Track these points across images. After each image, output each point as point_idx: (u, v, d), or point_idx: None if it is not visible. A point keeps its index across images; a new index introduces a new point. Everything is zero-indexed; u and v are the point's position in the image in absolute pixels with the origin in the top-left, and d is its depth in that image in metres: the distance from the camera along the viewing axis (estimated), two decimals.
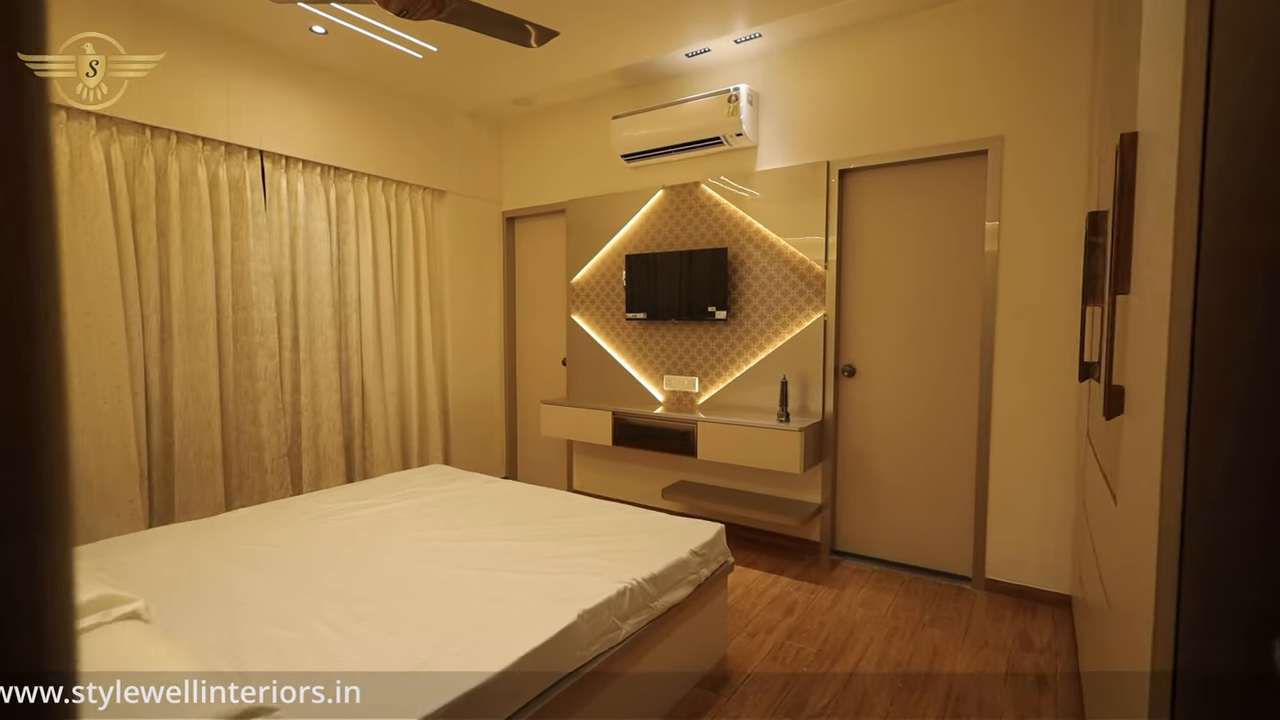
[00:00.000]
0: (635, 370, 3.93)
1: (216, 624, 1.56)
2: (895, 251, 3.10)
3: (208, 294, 2.99)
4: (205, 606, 1.66)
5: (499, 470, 4.70)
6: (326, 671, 1.31)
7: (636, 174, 3.88)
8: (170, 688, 1.05)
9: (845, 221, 3.22)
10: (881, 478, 3.18)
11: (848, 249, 3.22)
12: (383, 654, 1.41)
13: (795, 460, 3.00)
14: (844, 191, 3.21)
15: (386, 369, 3.81)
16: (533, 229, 4.56)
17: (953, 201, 2.95)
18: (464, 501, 2.61)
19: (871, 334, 3.18)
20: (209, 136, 2.97)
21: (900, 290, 3.09)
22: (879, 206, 3.14)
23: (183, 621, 1.55)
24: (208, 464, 3.03)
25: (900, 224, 3.09)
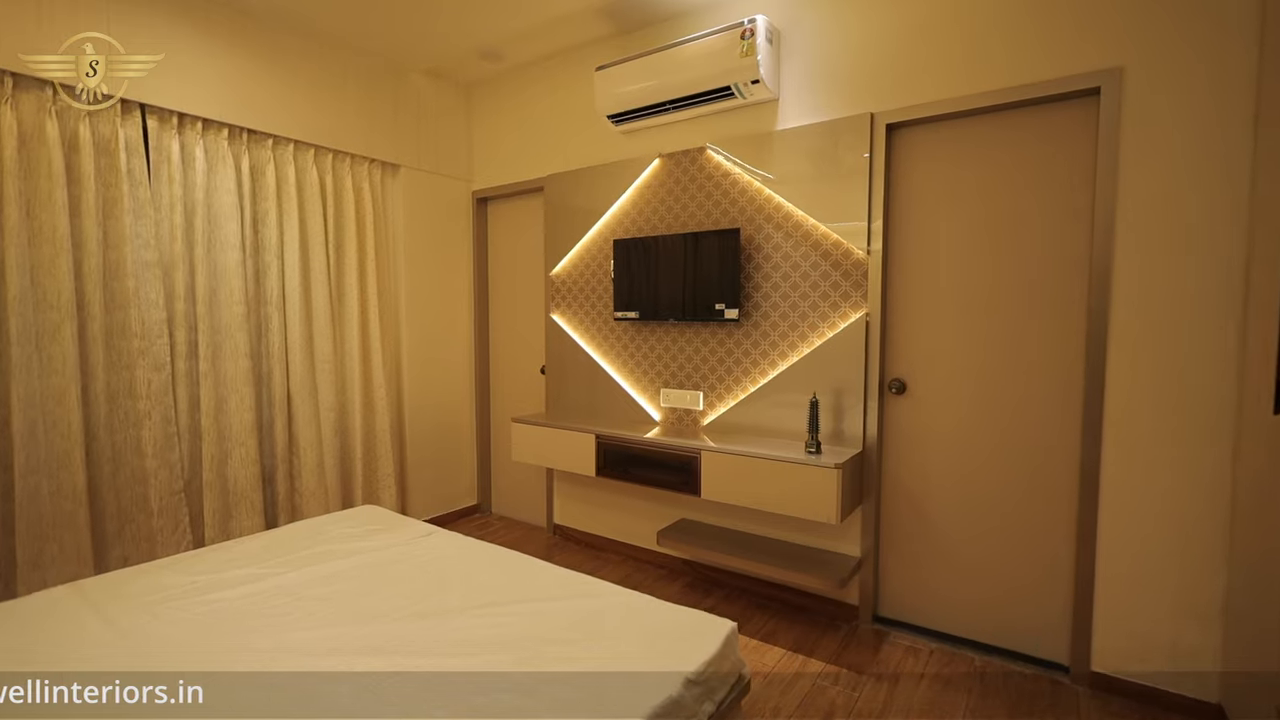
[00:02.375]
0: (626, 382, 3.20)
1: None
2: (961, 230, 2.36)
3: (63, 288, 2.29)
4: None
5: (469, 498, 3.99)
6: None
7: (627, 141, 3.15)
8: None
9: (894, 192, 2.47)
10: (941, 527, 2.44)
11: (897, 228, 2.48)
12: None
13: (829, 505, 2.27)
14: (892, 153, 2.47)
15: (321, 380, 3.11)
16: (509, 211, 3.84)
17: (1044, 163, 2.20)
18: (384, 570, 1.90)
19: (929, 338, 2.44)
20: (64, 82, 2.28)
21: (968, 282, 2.35)
22: (940, 172, 2.39)
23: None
24: (67, 505, 2.34)
25: (968, 194, 2.34)
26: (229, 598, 1.71)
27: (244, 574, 1.85)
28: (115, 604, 1.66)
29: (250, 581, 1.81)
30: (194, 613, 1.63)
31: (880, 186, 2.43)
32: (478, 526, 3.81)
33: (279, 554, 2.01)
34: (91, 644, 1.47)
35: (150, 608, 1.64)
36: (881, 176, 2.43)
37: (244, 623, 1.58)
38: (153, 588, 1.75)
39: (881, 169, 2.43)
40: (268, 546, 2.08)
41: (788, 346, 2.67)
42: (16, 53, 2.17)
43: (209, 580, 1.80)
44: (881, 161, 2.43)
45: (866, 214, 2.45)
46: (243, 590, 1.75)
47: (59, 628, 1.55)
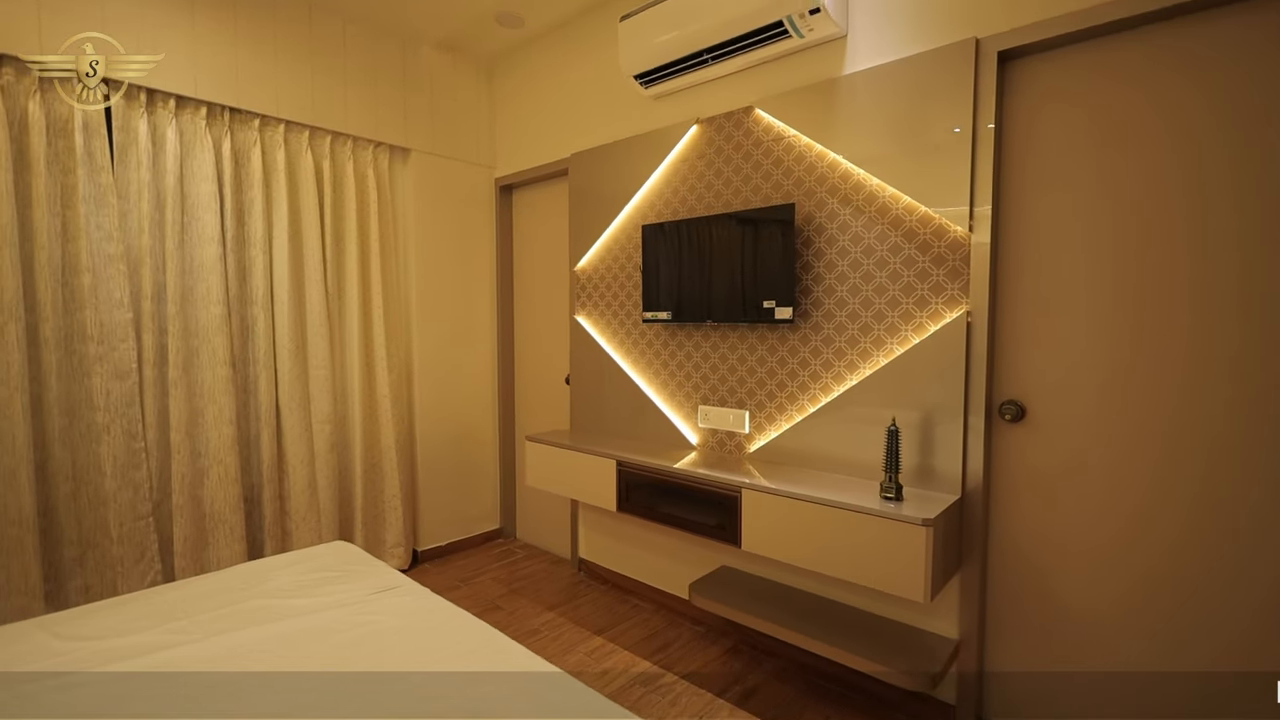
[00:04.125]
0: (658, 396, 2.67)
1: None
2: (1109, 196, 1.67)
3: (6, 285, 2.02)
4: None
5: (490, 522, 3.57)
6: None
7: (660, 107, 2.63)
8: None
9: (1008, 147, 1.82)
10: (1077, 610, 1.75)
11: (1013, 195, 1.81)
12: None
13: (914, 576, 1.64)
14: (1007, 93, 1.81)
15: (315, 389, 2.76)
16: (535, 200, 3.40)
17: (1242, 96, 1.49)
18: (310, 645, 1.46)
19: (1061, 345, 1.76)
20: (8, 52, 2.01)
21: (1122, 266, 1.66)
22: (1076, 115, 1.72)
23: None
24: (14, 531, 2.07)
25: (1122, 144, 1.65)
26: (90, 683, 1.31)
27: (131, 643, 1.45)
28: None
29: (136, 654, 1.41)
30: (32, 708, 1.24)
31: (989, 140, 1.78)
32: (499, 555, 3.38)
33: (196, 611, 1.62)
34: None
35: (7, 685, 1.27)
36: (991, 126, 1.78)
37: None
38: (16, 658, 1.38)
39: (991, 116, 1.78)
40: (188, 599, 1.69)
41: (858, 355, 2.05)
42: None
43: (79, 653, 1.41)
44: (991, 106, 1.78)
45: (969, 178, 1.81)
46: (118, 669, 1.35)
47: None
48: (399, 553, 3.07)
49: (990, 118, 1.78)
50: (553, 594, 2.91)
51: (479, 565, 3.25)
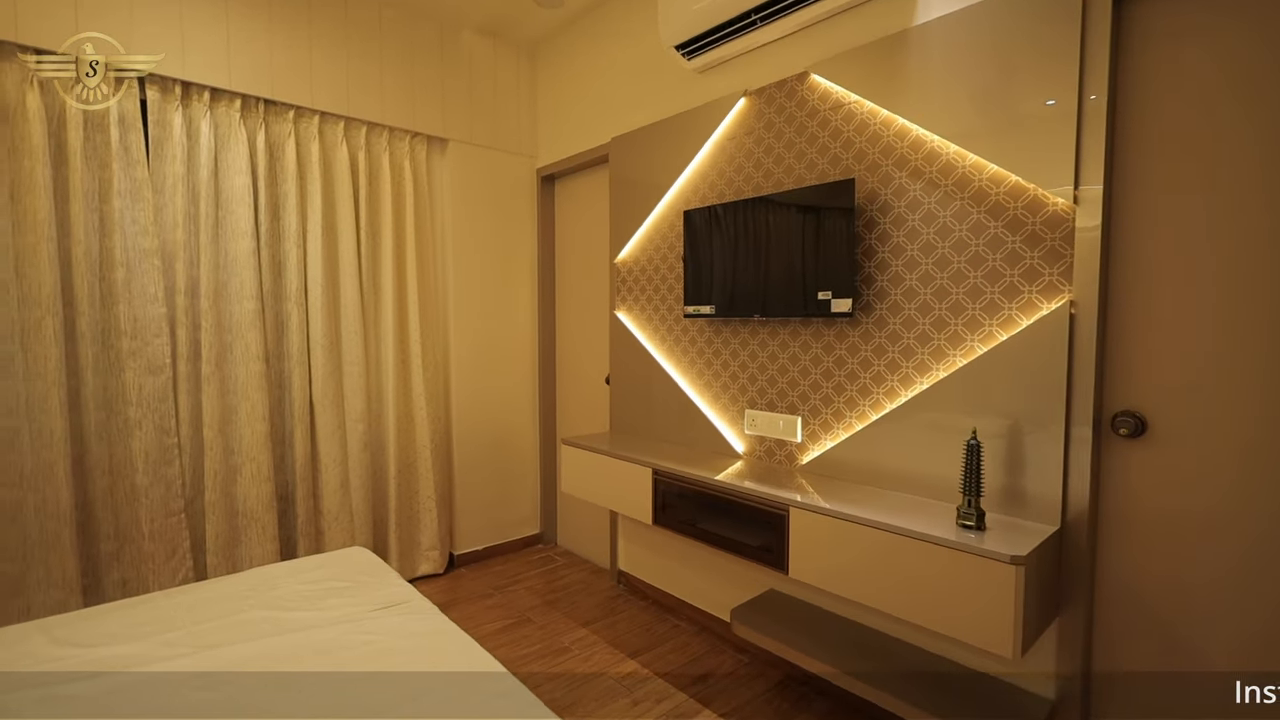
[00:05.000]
0: (702, 399, 2.43)
1: None
2: (1261, 155, 1.31)
3: (45, 280, 2.03)
4: None
5: (530, 527, 3.44)
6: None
7: (704, 81, 2.39)
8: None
9: (1125, 96, 1.47)
10: (1211, 667, 1.39)
11: (1131, 157, 1.47)
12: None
13: (1001, 624, 1.34)
14: (1123, 34, 1.47)
15: (349, 387, 2.70)
16: (576, 190, 3.24)
17: None
18: (296, 667, 1.33)
19: (1194, 344, 1.40)
20: (44, 48, 2.02)
21: (1263, 260, 1.30)
22: (1218, 49, 1.36)
23: None
24: (52, 525, 2.08)
25: (1271, 105, 1.29)
26: (76, 695, 1.22)
27: (123, 654, 1.37)
28: None
29: (124, 666, 1.32)
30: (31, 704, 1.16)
31: (1101, 89, 1.45)
32: (538, 562, 3.23)
33: (197, 619, 1.53)
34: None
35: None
36: (1104, 71, 1.45)
37: None
38: (4, 662, 1.32)
39: (1105, 59, 1.45)
40: (194, 605, 1.61)
41: (930, 355, 1.75)
42: (4, 18, 1.94)
43: (68, 662, 1.34)
44: (1103, 53, 1.45)
45: (1074, 138, 1.48)
46: (103, 684, 1.26)
47: None
48: (434, 556, 2.98)
49: (1102, 68, 1.45)
50: (589, 608, 2.73)
51: (516, 572, 3.11)
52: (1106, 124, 1.45)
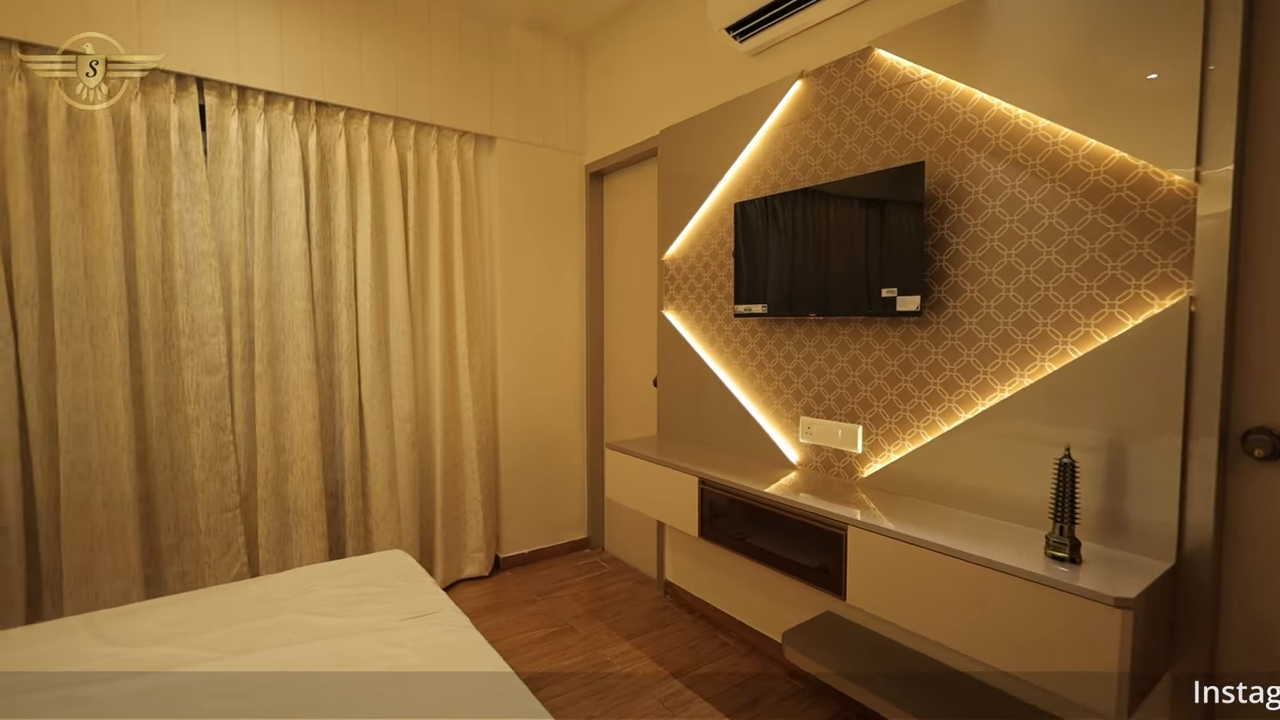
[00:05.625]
0: (753, 404, 2.28)
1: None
2: None
3: (110, 281, 2.11)
4: None
5: (577, 531, 3.37)
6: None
7: (756, 65, 2.24)
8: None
9: (1263, 64, 1.23)
10: None
11: (1274, 136, 1.23)
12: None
13: (1104, 675, 1.13)
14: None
15: (397, 386, 2.70)
16: (624, 186, 3.14)
17: None
18: (318, 679, 1.29)
19: None
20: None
21: None
22: None
23: None
24: (116, 517, 2.16)
25: None
26: (93, 697, 1.22)
27: (158, 655, 1.37)
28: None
29: (157, 667, 1.31)
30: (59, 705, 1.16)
31: (1230, 58, 1.22)
32: (584, 568, 3.16)
33: (233, 620, 1.52)
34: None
35: (15, 691, 1.21)
36: (1234, 37, 1.22)
37: None
38: (46, 658, 1.34)
39: (1236, 24, 1.21)
40: (232, 605, 1.61)
41: (1012, 359, 1.54)
42: (65, 29, 2.02)
43: (104, 660, 1.34)
44: (1237, 10, 1.21)
45: (1195, 111, 1.25)
46: (124, 686, 1.25)
47: None
48: (479, 558, 2.95)
49: (1232, 34, 1.21)
50: (633, 619, 2.62)
51: (561, 578, 3.05)
52: (1239, 96, 1.22)
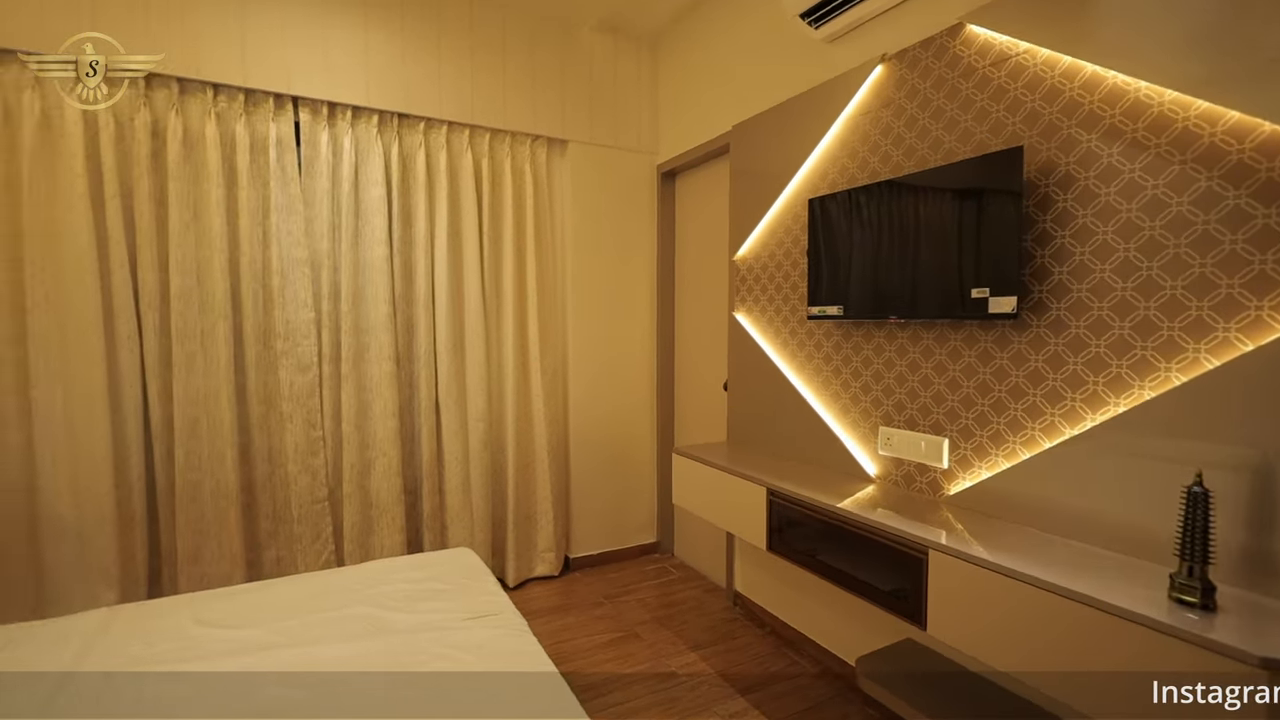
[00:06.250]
0: (828, 412, 2.16)
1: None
2: None
3: (217, 288, 2.30)
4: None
5: (647, 535, 3.34)
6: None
7: (833, 51, 2.11)
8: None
9: None
10: None
11: None
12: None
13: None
14: None
15: (471, 387, 2.78)
16: (697, 185, 3.08)
17: None
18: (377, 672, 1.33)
19: None
20: (221, 82, 2.28)
21: None
22: None
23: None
24: (221, 504, 2.35)
25: None
26: (195, 679, 1.31)
27: (242, 638, 1.46)
28: (99, 647, 1.39)
29: (238, 652, 1.40)
30: (141, 690, 1.26)
31: None
32: (653, 573, 3.12)
33: (311, 610, 1.61)
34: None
35: (124, 663, 1.33)
36: None
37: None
38: (152, 635, 1.46)
39: None
40: (313, 595, 1.70)
41: (1129, 367, 1.35)
42: (181, 58, 2.22)
43: (194, 641, 1.45)
44: None
45: None
46: (223, 664, 1.35)
47: (34, 662, 1.33)
48: (549, 558, 2.99)
49: None
50: (700, 629, 2.56)
51: (629, 581, 3.02)
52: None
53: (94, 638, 1.46)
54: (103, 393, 2.13)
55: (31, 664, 1.34)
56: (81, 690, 1.25)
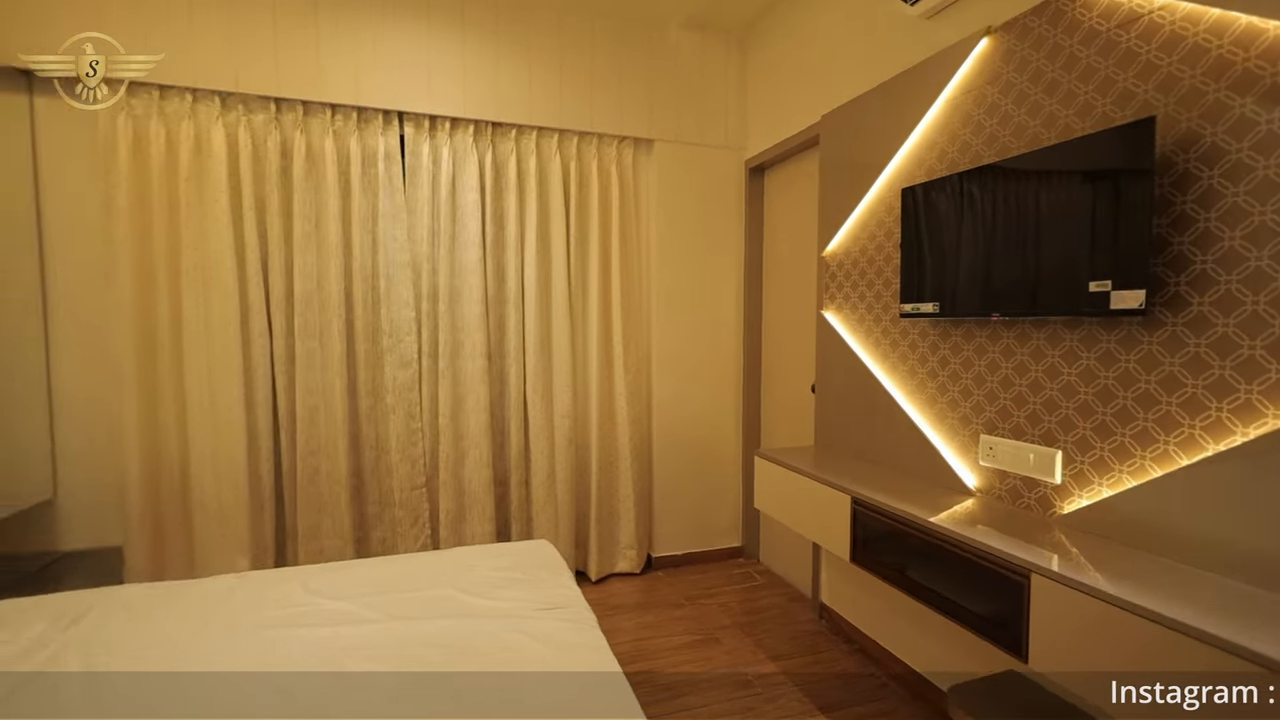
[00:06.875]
0: (923, 417, 2.00)
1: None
2: None
3: (333, 290, 2.53)
4: None
5: (731, 538, 3.27)
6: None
7: (931, 28, 1.95)
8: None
9: None
10: None
11: None
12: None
13: None
14: None
15: (557, 384, 2.86)
16: (785, 180, 2.98)
17: None
18: (448, 654, 1.40)
19: None
20: (338, 103, 2.50)
21: None
22: None
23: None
24: (334, 488, 2.58)
25: None
26: (302, 640, 1.44)
27: (336, 609, 1.60)
28: (225, 610, 1.58)
29: (332, 623, 1.53)
30: (266, 641, 1.41)
31: None
32: (737, 578, 3.06)
33: (400, 588, 1.72)
34: (159, 645, 1.38)
35: (244, 623, 1.50)
36: None
37: (264, 683, 1.27)
38: (268, 601, 1.63)
39: None
40: (405, 575, 1.81)
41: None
42: (308, 84, 2.46)
43: (309, 610, 1.60)
44: None
45: None
46: (327, 631, 1.48)
47: (174, 620, 1.53)
48: (631, 555, 3.01)
49: None
50: (782, 639, 2.47)
51: (712, 584, 2.98)
52: None
53: (224, 597, 1.66)
54: (239, 384, 2.41)
55: (179, 616, 1.55)
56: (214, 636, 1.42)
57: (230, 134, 2.39)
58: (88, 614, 1.56)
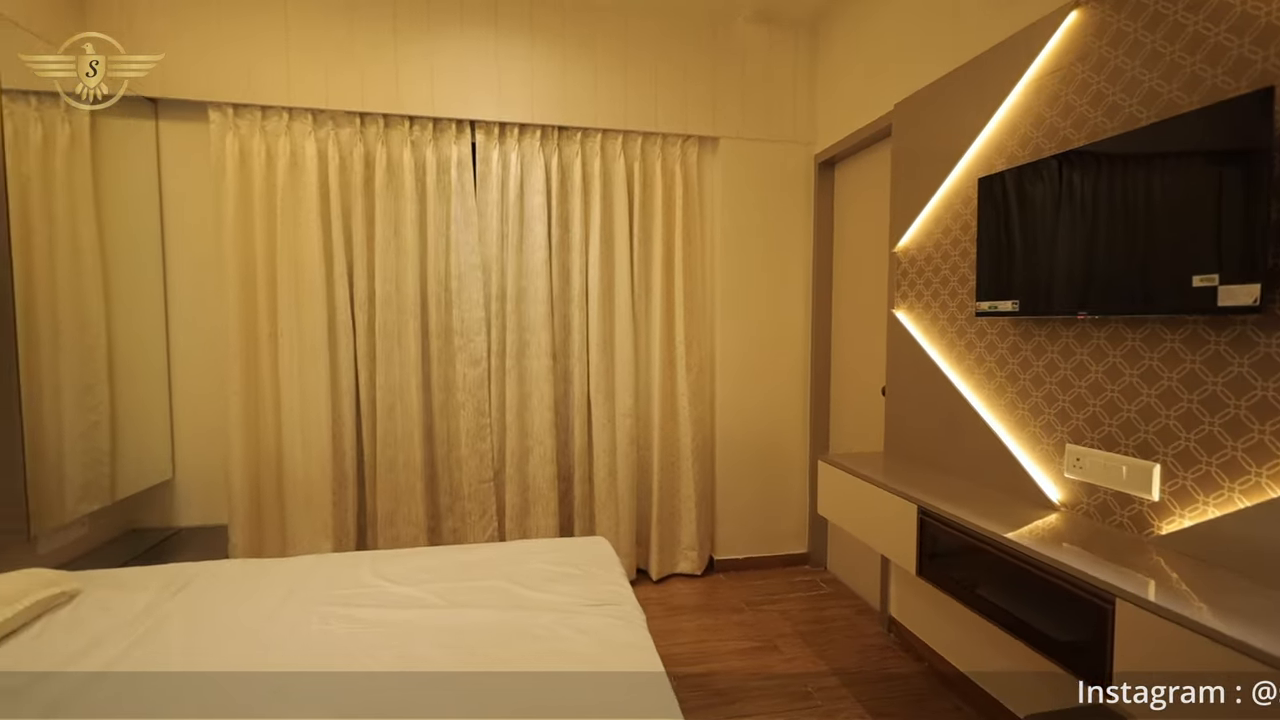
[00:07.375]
0: (1002, 424, 1.86)
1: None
2: None
3: (410, 291, 2.68)
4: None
5: (797, 544, 3.18)
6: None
7: (1010, 6, 1.81)
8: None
9: None
10: None
11: None
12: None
13: None
14: None
15: (619, 384, 2.89)
16: (856, 173, 2.85)
17: None
18: (496, 645, 1.44)
19: None
20: (415, 114, 2.65)
21: None
22: None
23: None
24: (410, 478, 2.73)
25: None
26: (367, 622, 1.54)
27: (399, 594, 1.69)
28: (300, 594, 1.70)
29: (394, 605, 1.62)
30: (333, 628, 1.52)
31: None
32: (801, 585, 2.97)
33: (460, 577, 1.79)
34: (246, 615, 1.51)
35: (316, 600, 1.62)
36: None
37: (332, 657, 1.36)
38: (340, 581, 1.75)
39: None
40: (465, 565, 1.89)
41: None
42: (389, 99, 2.62)
43: (365, 591, 1.70)
44: None
45: None
46: (386, 613, 1.57)
47: (261, 593, 1.67)
48: (692, 556, 2.99)
49: None
50: (846, 652, 2.37)
51: (775, 590, 2.91)
52: None
53: (304, 575, 1.80)
54: (326, 379, 2.60)
55: (265, 589, 1.69)
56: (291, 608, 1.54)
57: (321, 148, 2.58)
58: (191, 583, 1.74)
